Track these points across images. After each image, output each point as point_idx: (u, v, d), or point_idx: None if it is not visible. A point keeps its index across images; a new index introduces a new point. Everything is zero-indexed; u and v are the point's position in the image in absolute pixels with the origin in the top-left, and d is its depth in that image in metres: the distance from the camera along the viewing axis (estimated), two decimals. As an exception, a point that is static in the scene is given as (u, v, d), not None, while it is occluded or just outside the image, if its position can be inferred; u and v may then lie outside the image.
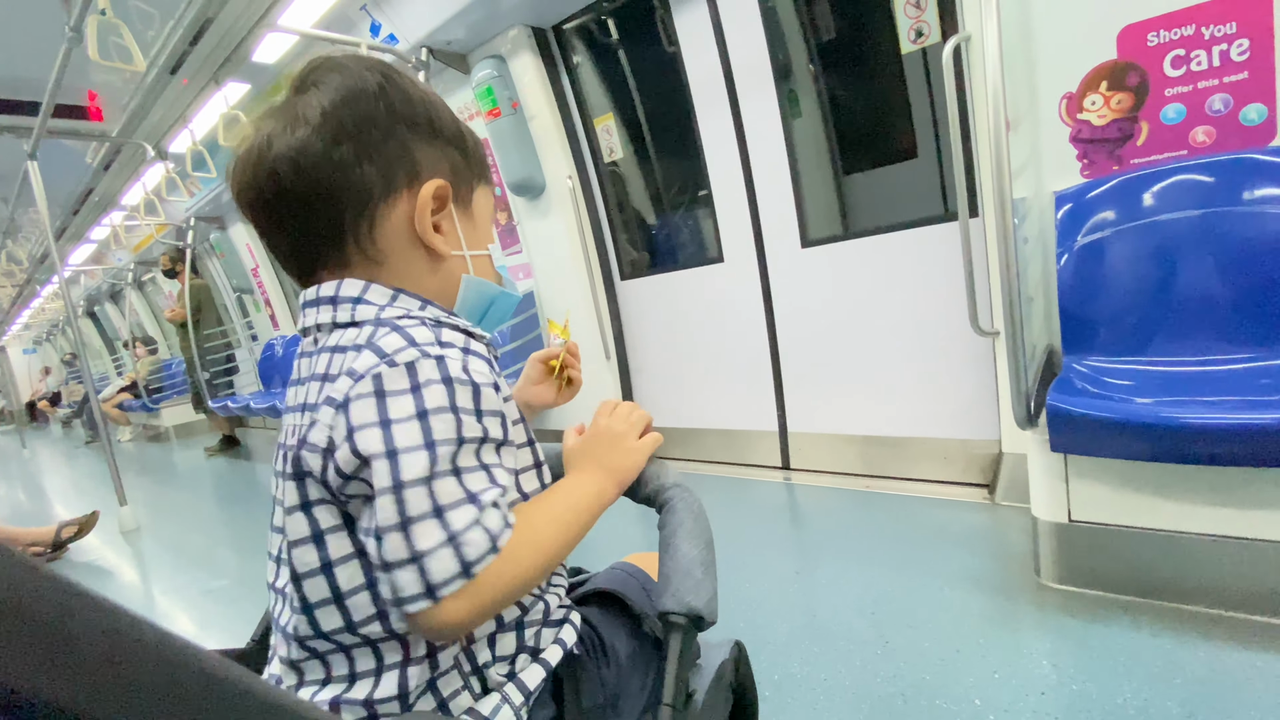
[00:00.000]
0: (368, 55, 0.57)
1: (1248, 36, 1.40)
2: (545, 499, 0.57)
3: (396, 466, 0.45)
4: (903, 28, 2.05)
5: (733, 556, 1.95)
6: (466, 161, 0.60)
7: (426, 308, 0.56)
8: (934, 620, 1.47)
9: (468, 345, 0.52)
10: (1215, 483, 1.25)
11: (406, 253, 0.56)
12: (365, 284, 0.54)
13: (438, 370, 0.48)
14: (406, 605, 0.44)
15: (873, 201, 2.43)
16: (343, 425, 0.46)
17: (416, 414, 0.46)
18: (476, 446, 0.49)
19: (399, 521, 0.44)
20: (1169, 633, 1.28)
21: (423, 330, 0.50)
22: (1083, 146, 1.62)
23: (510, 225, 3.22)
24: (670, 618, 0.50)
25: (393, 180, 0.54)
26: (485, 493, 0.47)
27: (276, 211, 0.54)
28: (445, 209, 0.58)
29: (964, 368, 2.13)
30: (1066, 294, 1.56)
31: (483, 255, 0.62)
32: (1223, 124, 1.46)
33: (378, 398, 0.46)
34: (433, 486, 0.45)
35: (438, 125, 0.58)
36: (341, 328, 0.53)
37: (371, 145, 0.53)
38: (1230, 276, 1.39)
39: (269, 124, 0.53)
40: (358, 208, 0.54)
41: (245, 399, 4.24)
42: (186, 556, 2.83)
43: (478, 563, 0.45)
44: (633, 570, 0.71)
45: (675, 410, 3.05)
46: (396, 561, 0.44)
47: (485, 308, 0.64)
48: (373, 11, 2.72)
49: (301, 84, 0.55)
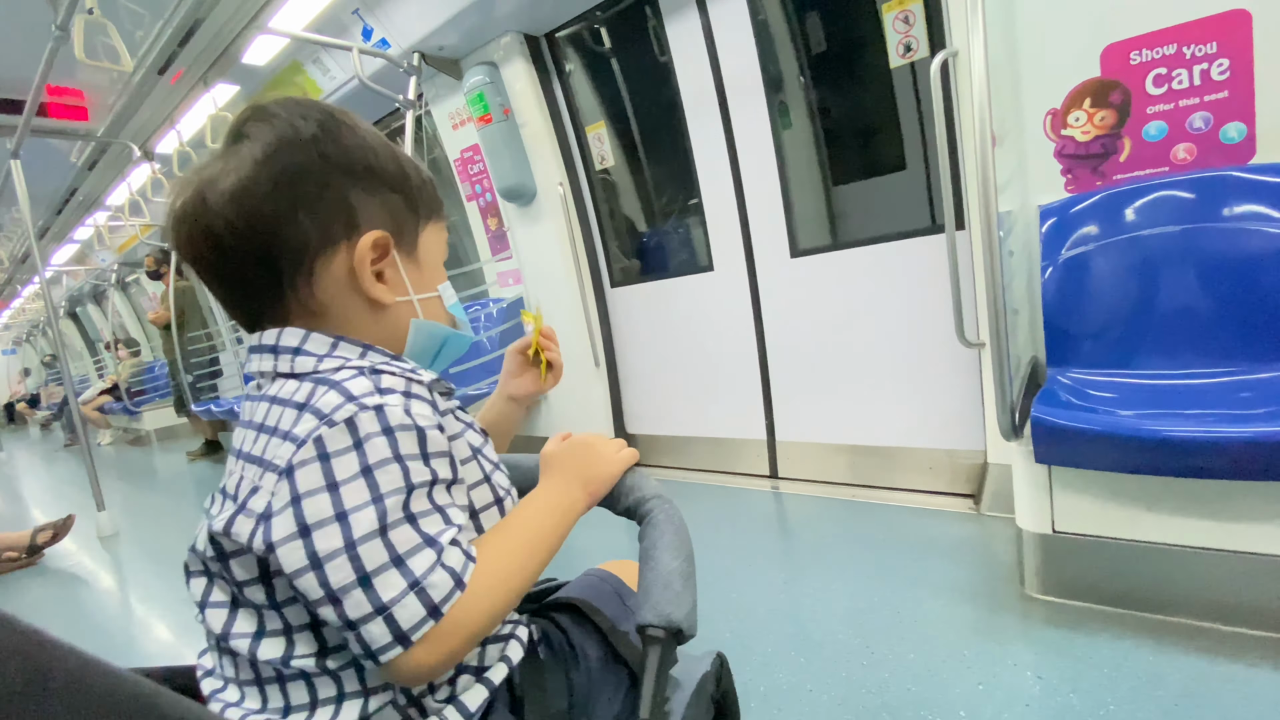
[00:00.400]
0: (305, 100, 0.55)
1: (1228, 56, 1.43)
2: (512, 520, 0.56)
3: (348, 526, 0.44)
4: (891, 42, 2.08)
5: (720, 566, 1.95)
6: (411, 205, 0.59)
7: (366, 354, 0.55)
8: (920, 631, 1.48)
9: (409, 389, 0.51)
10: (1196, 495, 1.26)
11: (348, 302, 0.56)
12: (305, 334, 0.53)
13: (377, 421, 0.47)
14: (379, 655, 0.44)
15: (861, 212, 2.45)
16: (286, 492, 0.45)
17: (361, 470, 0.46)
18: (427, 490, 0.49)
19: (358, 578, 0.44)
20: (1151, 644, 1.29)
21: (360, 381, 0.49)
22: (1067, 162, 1.65)
23: (500, 231, 3.22)
24: (649, 631, 0.50)
25: (329, 232, 0.54)
26: (442, 534, 0.47)
27: (214, 266, 0.54)
28: (388, 257, 0.57)
29: (950, 379, 2.14)
30: (1051, 307, 1.58)
31: (431, 297, 0.61)
32: (1203, 141, 1.49)
33: (321, 460, 0.45)
34: (388, 538, 0.45)
35: (378, 171, 0.56)
36: (283, 377, 0.53)
37: (305, 197, 0.52)
38: (1210, 291, 1.42)
39: (203, 177, 0.52)
40: (294, 261, 0.53)
41: (228, 402, 4.18)
42: (165, 563, 2.78)
43: (445, 602, 0.45)
44: (605, 576, 0.70)
45: (664, 418, 3.05)
46: (361, 618, 0.44)
47: (436, 349, 0.63)
48: (365, 16, 2.71)
49: (235, 135, 0.54)
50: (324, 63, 3.07)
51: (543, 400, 3.27)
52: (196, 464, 5.05)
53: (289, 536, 0.44)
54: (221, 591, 0.51)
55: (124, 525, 3.37)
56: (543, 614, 0.65)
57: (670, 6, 2.48)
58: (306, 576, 0.44)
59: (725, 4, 2.35)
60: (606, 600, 0.68)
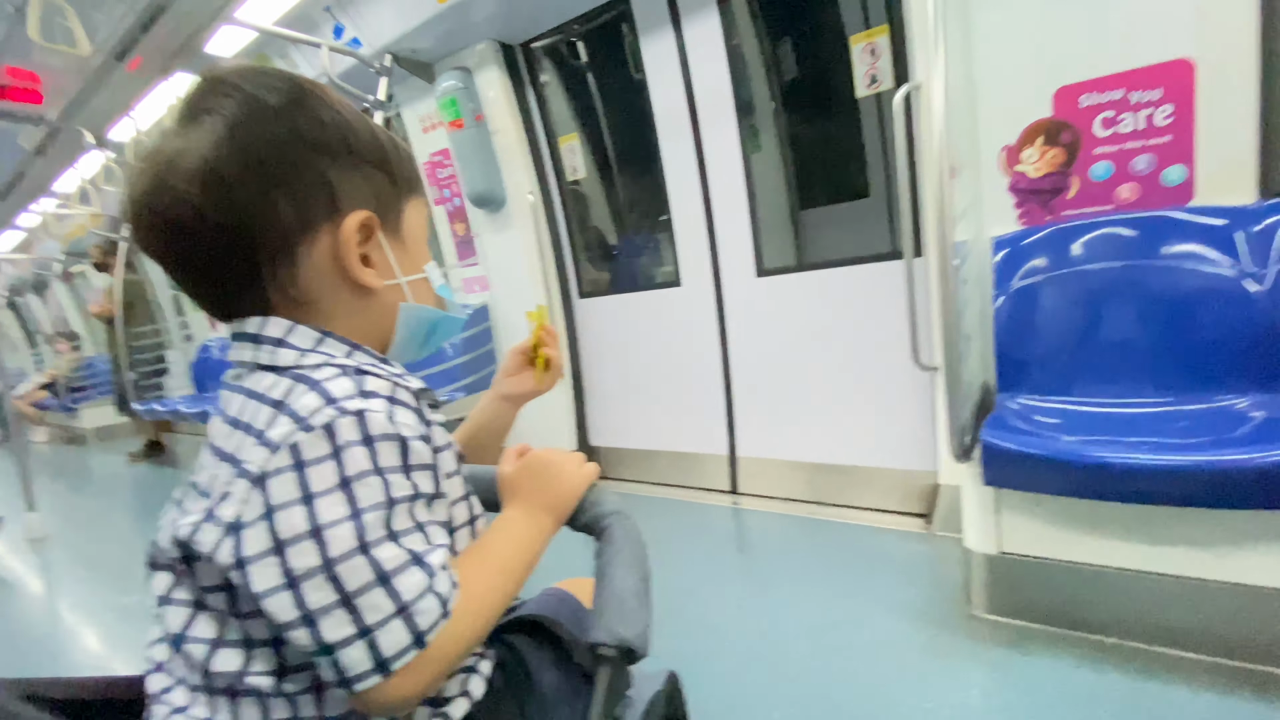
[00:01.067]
0: (268, 69, 0.50)
1: (1171, 103, 1.52)
2: (485, 547, 0.54)
3: (325, 543, 0.41)
4: (858, 73, 2.14)
5: (679, 582, 1.94)
6: (392, 181, 0.55)
7: (353, 354, 0.52)
8: (871, 649, 1.50)
9: (394, 394, 0.48)
10: (1134, 520, 1.31)
11: (333, 290, 0.52)
12: (290, 325, 0.50)
13: (357, 429, 0.44)
14: (354, 684, 0.41)
15: (826, 236, 2.51)
16: (259, 503, 0.42)
17: (340, 483, 0.43)
18: (409, 506, 0.46)
19: (339, 598, 0.41)
20: (1090, 664, 1.33)
21: (342, 382, 0.46)
22: (1020, 196, 1.72)
23: (467, 237, 3.18)
24: (600, 649, 0.49)
25: (309, 214, 0.49)
26: (431, 554, 0.45)
27: (180, 257, 0.49)
28: (373, 238, 0.53)
29: (906, 400, 2.19)
30: (1002, 334, 1.64)
31: (419, 279, 0.58)
32: (1146, 182, 1.57)
33: (297, 469, 0.42)
34: (372, 555, 0.42)
35: (356, 146, 0.52)
36: (263, 369, 0.49)
37: (280, 177, 0.48)
38: (1149, 325, 1.49)
39: (160, 160, 0.47)
40: (273, 250, 0.49)
41: (174, 402, 4.02)
42: (98, 569, 2.65)
43: (431, 630, 0.43)
44: (564, 596, 0.69)
45: (628, 431, 3.05)
46: (339, 640, 0.41)
47: (427, 334, 0.60)
48: (337, 13, 2.68)
49: (192, 111, 0.48)
50: (292, 58, 3.01)
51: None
52: (137, 466, 4.83)
53: (262, 553, 0.41)
54: (186, 591, 0.48)
55: (56, 528, 3.19)
56: (495, 636, 0.63)
57: (646, 25, 2.51)
58: (280, 596, 0.41)
59: (699, 27, 2.39)
60: (566, 620, 0.66)
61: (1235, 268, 1.42)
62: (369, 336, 0.55)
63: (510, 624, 0.64)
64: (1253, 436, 1.19)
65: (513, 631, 0.63)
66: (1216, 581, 1.26)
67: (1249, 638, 1.25)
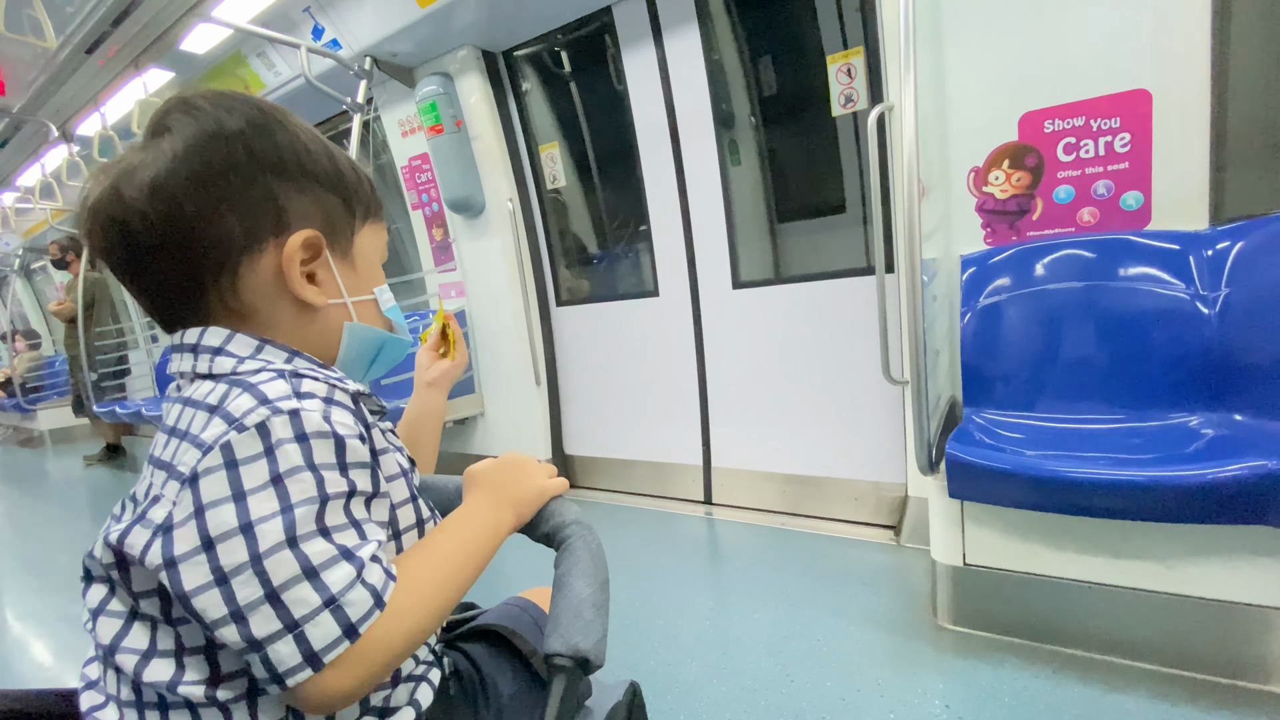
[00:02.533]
0: (234, 94, 0.53)
1: (1129, 131, 1.58)
2: (436, 537, 0.54)
3: (254, 539, 0.41)
4: (834, 93, 2.19)
5: (650, 591, 1.94)
6: (346, 204, 0.58)
7: (292, 360, 0.53)
8: (838, 659, 1.51)
9: (331, 395, 0.49)
10: (1092, 533, 1.35)
11: (275, 304, 0.53)
12: (229, 333, 0.51)
13: (290, 427, 0.44)
14: (286, 679, 0.41)
15: (802, 250, 2.55)
16: (189, 502, 0.42)
17: (271, 479, 0.43)
18: (344, 502, 0.46)
19: (265, 594, 0.41)
20: (1050, 675, 1.36)
21: (278, 384, 0.47)
22: (987, 216, 1.77)
23: (445, 242, 3.16)
24: (555, 659, 0.49)
25: (256, 231, 0.52)
26: (362, 548, 0.45)
27: (129, 264, 0.51)
28: (320, 257, 0.55)
29: (877, 413, 2.23)
30: (968, 350, 1.68)
31: (368, 300, 0.60)
32: (1105, 207, 1.63)
33: (228, 468, 0.43)
34: (300, 550, 0.42)
35: (310, 169, 0.54)
36: (201, 378, 0.50)
37: (230, 193, 0.50)
38: (1106, 344, 1.54)
39: (118, 170, 0.49)
40: (217, 261, 0.51)
41: (136, 405, 3.90)
42: (48, 576, 2.55)
43: (363, 621, 0.43)
44: (525, 605, 0.69)
45: (602, 440, 3.04)
46: (268, 636, 0.41)
47: (373, 355, 0.61)
48: (316, 15, 2.65)
49: (155, 128, 0.51)
50: (270, 57, 2.98)
51: (480, 417, 3.20)
52: (95, 469, 4.67)
53: (191, 551, 0.41)
54: (120, 602, 0.48)
55: (5, 534, 3.07)
56: (453, 645, 0.63)
57: (628, 37, 2.53)
58: (209, 594, 0.41)
59: (680, 41, 2.42)
60: (526, 630, 0.66)
61: (1188, 291, 1.47)
62: (313, 350, 0.56)
63: (469, 633, 0.64)
64: (1202, 454, 1.24)
65: (471, 640, 0.63)
66: (1169, 594, 1.30)
67: (1199, 649, 1.29)
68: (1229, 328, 1.42)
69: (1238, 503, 1.13)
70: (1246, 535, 1.20)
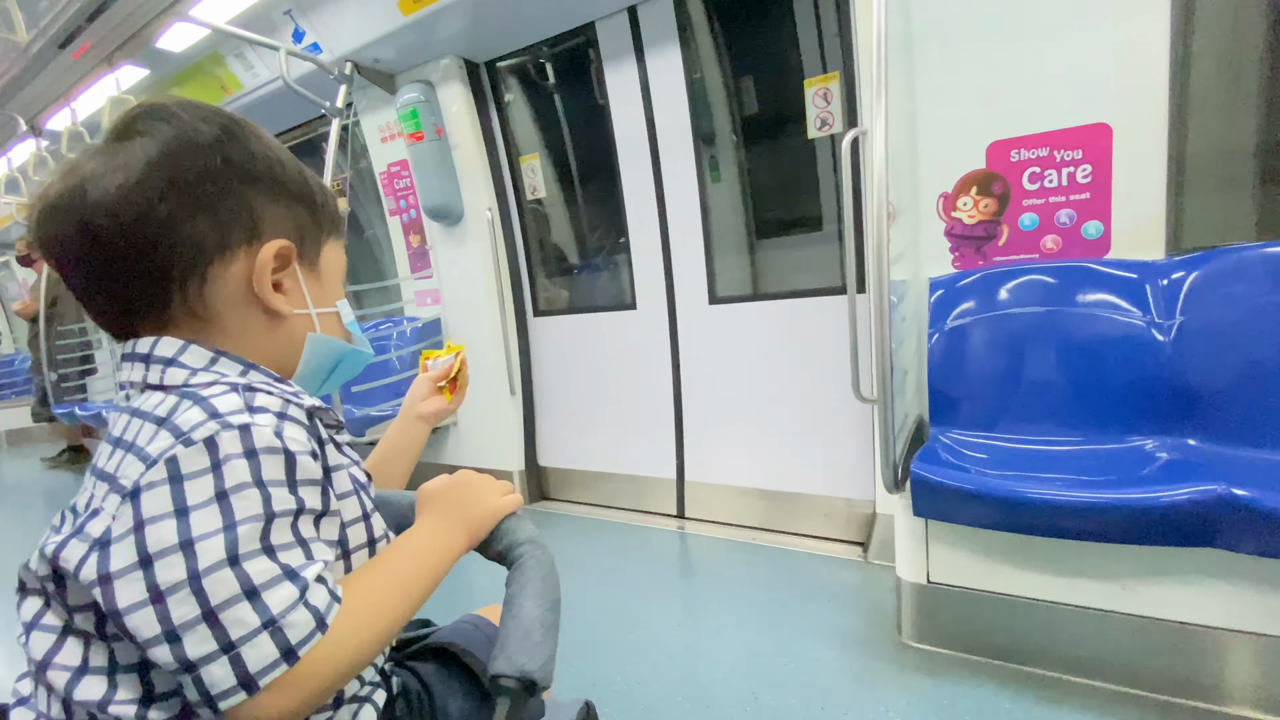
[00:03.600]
0: (206, 105, 0.53)
1: (1091, 163, 1.63)
2: (386, 557, 0.54)
3: (193, 556, 0.40)
4: (811, 115, 2.23)
5: (618, 606, 1.93)
6: (315, 218, 0.59)
7: (248, 373, 0.52)
8: (803, 677, 1.51)
9: (284, 410, 0.49)
10: (1051, 553, 1.38)
11: (241, 312, 0.54)
12: (183, 344, 0.51)
13: (240, 442, 0.44)
14: (219, 701, 0.40)
15: (778, 268, 2.58)
16: (128, 517, 0.41)
17: (216, 495, 0.42)
18: (291, 520, 0.45)
19: (201, 613, 0.40)
20: (1009, 693, 1.38)
21: (230, 398, 0.46)
22: (955, 240, 1.81)
23: (422, 249, 3.14)
24: (500, 680, 0.48)
25: (228, 239, 0.52)
26: (307, 569, 0.44)
27: (89, 265, 0.50)
28: (289, 268, 0.56)
29: (848, 430, 2.26)
30: (935, 371, 1.71)
31: (330, 313, 0.60)
32: (1068, 235, 1.68)
33: (172, 483, 0.42)
34: (241, 568, 0.41)
35: (283, 181, 0.56)
36: (152, 389, 0.49)
37: (204, 201, 0.50)
38: (1066, 367, 1.58)
39: (83, 170, 0.48)
40: (186, 266, 0.50)
41: (97, 406, 3.79)
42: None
43: (303, 644, 0.42)
44: (480, 623, 0.68)
45: (576, 452, 3.03)
46: (202, 657, 0.40)
47: (332, 366, 0.62)
48: (297, 17, 2.64)
49: (125, 131, 0.51)
50: (248, 58, 2.95)
51: (453, 427, 3.17)
52: (55, 471, 4.53)
53: (127, 568, 0.40)
54: (55, 616, 0.46)
55: (-50, 538, 2.96)
56: (403, 664, 0.62)
57: (611, 53, 2.56)
58: (143, 612, 0.40)
59: (662, 58, 2.45)
60: (479, 648, 0.65)
61: (1145, 318, 1.52)
62: (272, 360, 0.56)
63: (419, 651, 0.63)
64: (1156, 477, 1.27)
65: (422, 659, 0.62)
66: (1128, 614, 1.33)
67: (1155, 669, 1.32)
68: (1183, 355, 1.47)
69: (1189, 525, 1.16)
70: (1198, 558, 1.24)
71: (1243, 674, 1.25)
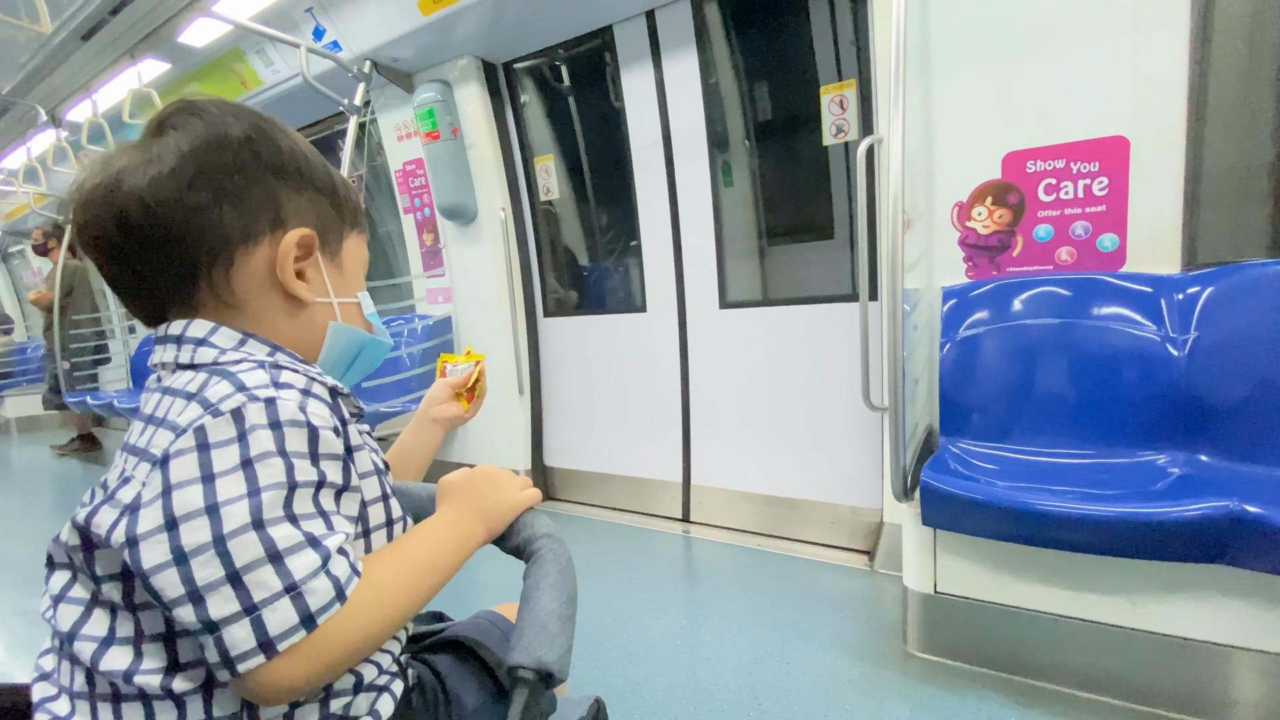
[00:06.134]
0: (237, 103, 0.56)
1: (1107, 176, 1.63)
2: (404, 542, 0.54)
3: (219, 520, 0.41)
4: (826, 122, 2.24)
5: (622, 608, 1.93)
6: (337, 211, 0.61)
7: (275, 354, 0.54)
8: (806, 684, 1.51)
9: (308, 388, 0.50)
10: (1061, 566, 1.37)
11: (265, 298, 0.55)
12: (214, 326, 0.53)
13: (265, 414, 0.45)
14: (237, 664, 0.41)
15: (789, 274, 2.58)
16: (157, 483, 0.43)
17: (241, 462, 0.43)
18: (313, 491, 0.46)
19: (225, 574, 0.41)
20: (1014, 706, 1.37)
21: (257, 374, 0.48)
22: (969, 250, 1.81)
23: (435, 247, 3.16)
24: (518, 672, 0.48)
25: (254, 227, 0.54)
26: (329, 538, 0.45)
27: (123, 252, 0.52)
28: (311, 256, 0.58)
29: (856, 438, 2.25)
30: (946, 380, 1.71)
31: (351, 303, 0.62)
32: (1083, 247, 1.67)
33: (200, 450, 0.43)
34: (265, 532, 0.42)
35: (307, 174, 0.58)
36: (183, 369, 0.51)
37: (232, 191, 0.52)
38: (1078, 380, 1.57)
39: (119, 162, 0.51)
40: (214, 252, 0.52)
41: (109, 396, 3.82)
42: (8, 569, 2.48)
43: (322, 613, 0.42)
44: (495, 619, 0.68)
45: (583, 453, 3.03)
46: (225, 617, 0.41)
47: (353, 355, 0.63)
48: (318, 15, 2.66)
49: (159, 127, 0.53)
50: (269, 55, 2.98)
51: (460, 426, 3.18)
52: (65, 459, 4.57)
53: (154, 530, 0.41)
54: (82, 588, 0.47)
55: (-38, 523, 2.99)
56: (419, 656, 0.62)
57: (627, 56, 2.57)
58: (167, 573, 0.41)
59: (679, 63, 2.46)
60: (494, 643, 0.65)
61: (1159, 332, 1.52)
62: (295, 346, 0.57)
63: (435, 644, 0.63)
64: (1167, 492, 1.27)
65: (437, 652, 0.62)
66: (1136, 630, 1.32)
67: (1162, 685, 1.31)
68: (1197, 370, 1.46)
69: (1199, 541, 1.16)
70: (1208, 574, 1.23)
71: (1250, 691, 1.24)
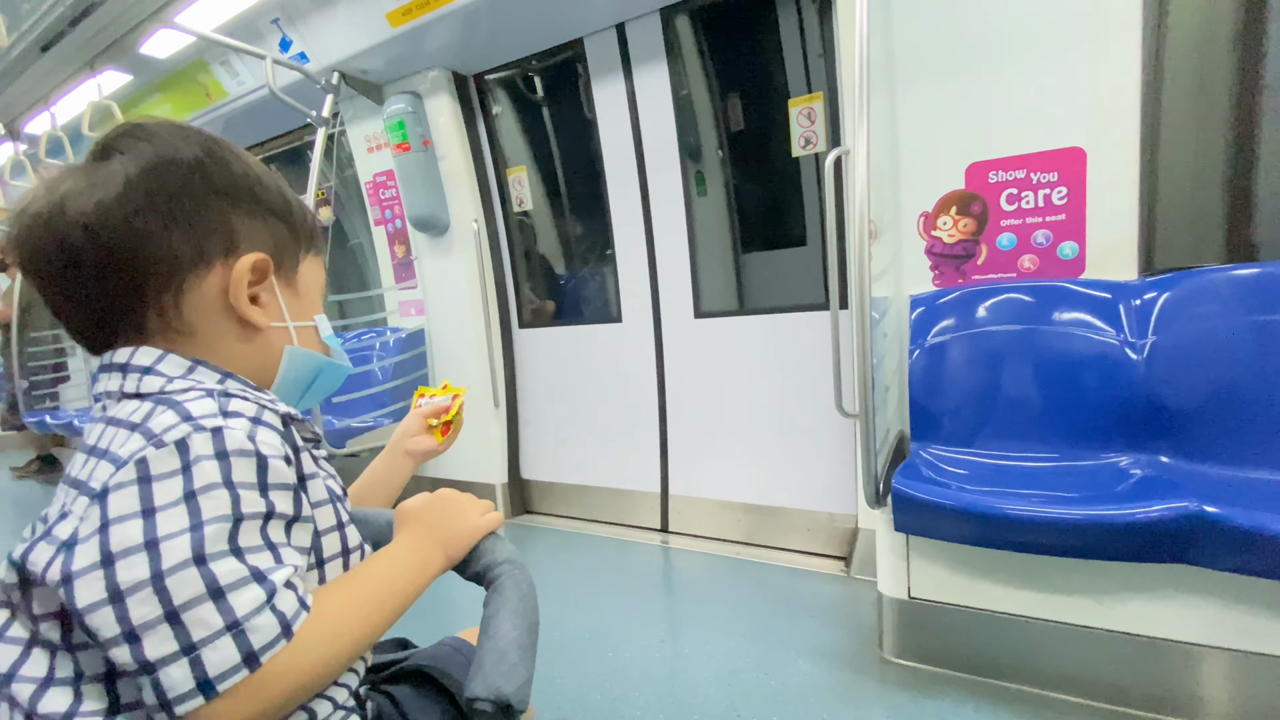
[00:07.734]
0: (187, 125, 0.55)
1: (1066, 185, 1.67)
2: (360, 571, 0.53)
3: (157, 556, 0.40)
4: (794, 134, 2.27)
5: (600, 622, 1.92)
6: (293, 234, 0.60)
7: (225, 381, 0.52)
8: (785, 694, 1.51)
9: (259, 415, 0.49)
10: (1029, 569, 1.39)
11: (217, 324, 0.54)
12: (161, 353, 0.51)
13: (211, 445, 0.44)
14: (175, 706, 0.39)
15: (762, 283, 2.60)
16: (95, 517, 0.41)
17: (184, 495, 0.42)
18: (260, 523, 0.45)
19: (163, 613, 0.39)
20: (989, 709, 1.38)
21: (205, 402, 0.47)
22: (935, 259, 1.84)
23: (407, 259, 3.13)
24: (475, 704, 0.47)
25: (205, 251, 0.52)
26: (275, 571, 0.43)
27: (66, 279, 0.50)
28: (266, 281, 0.56)
29: (830, 445, 2.27)
30: (916, 386, 1.73)
31: (307, 326, 0.61)
32: (1044, 255, 1.71)
33: (140, 484, 0.41)
34: (207, 568, 0.41)
35: (261, 198, 0.56)
36: (128, 398, 0.49)
37: (182, 215, 0.51)
38: (1042, 384, 1.60)
39: (63, 187, 0.49)
40: (163, 278, 0.51)
41: (69, 415, 3.71)
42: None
43: (266, 650, 0.41)
44: (459, 644, 0.67)
45: (560, 465, 3.01)
46: (162, 658, 0.39)
47: (310, 379, 0.62)
48: (284, 27, 2.63)
49: (104, 151, 0.52)
50: (234, 66, 2.93)
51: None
52: (25, 481, 4.41)
53: (89, 567, 0.39)
54: (21, 627, 0.45)
55: (-89, 551, 2.86)
56: (378, 688, 0.61)
57: (598, 68, 2.58)
58: (102, 611, 0.39)
59: (650, 75, 2.48)
60: (458, 671, 0.64)
61: (1119, 337, 1.55)
62: (249, 372, 0.56)
63: (396, 674, 0.62)
64: (1130, 494, 1.29)
65: (398, 682, 0.61)
66: (1105, 630, 1.34)
67: (1132, 685, 1.33)
68: (1155, 373, 1.50)
69: (1161, 542, 1.18)
70: (1173, 574, 1.26)
71: (1216, 689, 1.27)
